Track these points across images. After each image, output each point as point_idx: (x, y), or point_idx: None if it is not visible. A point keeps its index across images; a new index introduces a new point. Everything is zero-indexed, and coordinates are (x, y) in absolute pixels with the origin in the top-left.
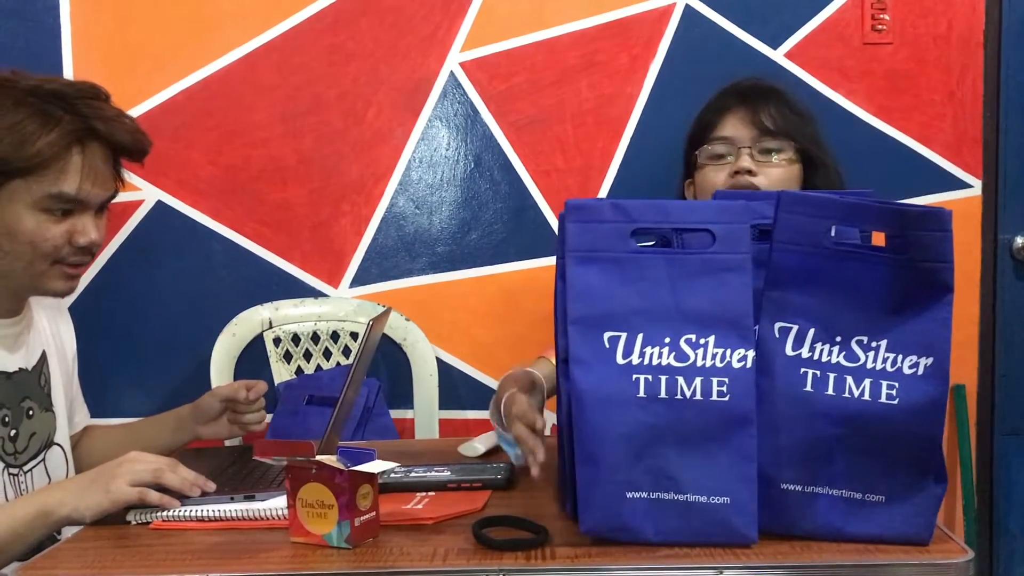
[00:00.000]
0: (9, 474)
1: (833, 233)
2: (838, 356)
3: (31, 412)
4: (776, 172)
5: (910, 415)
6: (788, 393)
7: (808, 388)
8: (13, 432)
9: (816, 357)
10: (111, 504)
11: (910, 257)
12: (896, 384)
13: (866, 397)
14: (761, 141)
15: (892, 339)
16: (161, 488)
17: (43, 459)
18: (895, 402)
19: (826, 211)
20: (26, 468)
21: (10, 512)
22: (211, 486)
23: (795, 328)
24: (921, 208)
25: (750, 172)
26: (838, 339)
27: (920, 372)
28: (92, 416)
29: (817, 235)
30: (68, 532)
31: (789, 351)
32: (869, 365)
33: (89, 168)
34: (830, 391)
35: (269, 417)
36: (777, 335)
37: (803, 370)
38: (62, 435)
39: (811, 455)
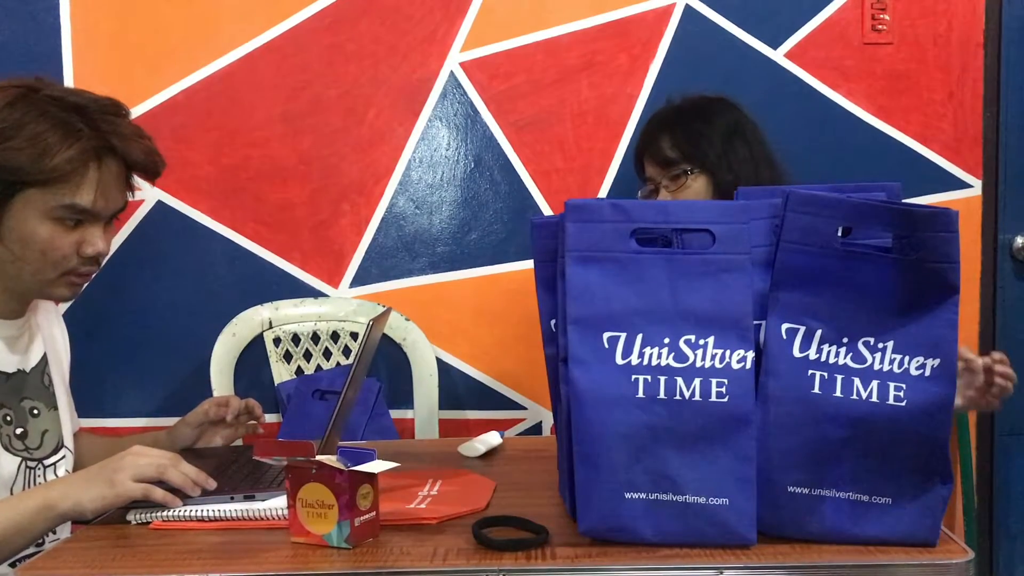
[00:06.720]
0: (27, 467)
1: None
2: (845, 357)
3: (36, 411)
4: (686, 193)
5: (918, 416)
6: (796, 395)
7: (816, 390)
8: (20, 430)
9: (823, 359)
10: (115, 498)
11: (917, 258)
12: (904, 385)
13: (874, 399)
14: (667, 174)
15: (899, 340)
16: (163, 486)
17: (63, 456)
18: (903, 404)
19: (834, 211)
20: (47, 463)
21: (13, 505)
22: (212, 484)
23: (802, 329)
24: (929, 209)
25: None
26: (845, 340)
27: (927, 373)
28: (93, 416)
29: (824, 235)
30: (64, 533)
31: (796, 352)
32: (876, 366)
33: (103, 183)
34: (838, 393)
35: (273, 417)
36: (784, 336)
37: (811, 372)
38: (68, 437)
39: (818, 457)
